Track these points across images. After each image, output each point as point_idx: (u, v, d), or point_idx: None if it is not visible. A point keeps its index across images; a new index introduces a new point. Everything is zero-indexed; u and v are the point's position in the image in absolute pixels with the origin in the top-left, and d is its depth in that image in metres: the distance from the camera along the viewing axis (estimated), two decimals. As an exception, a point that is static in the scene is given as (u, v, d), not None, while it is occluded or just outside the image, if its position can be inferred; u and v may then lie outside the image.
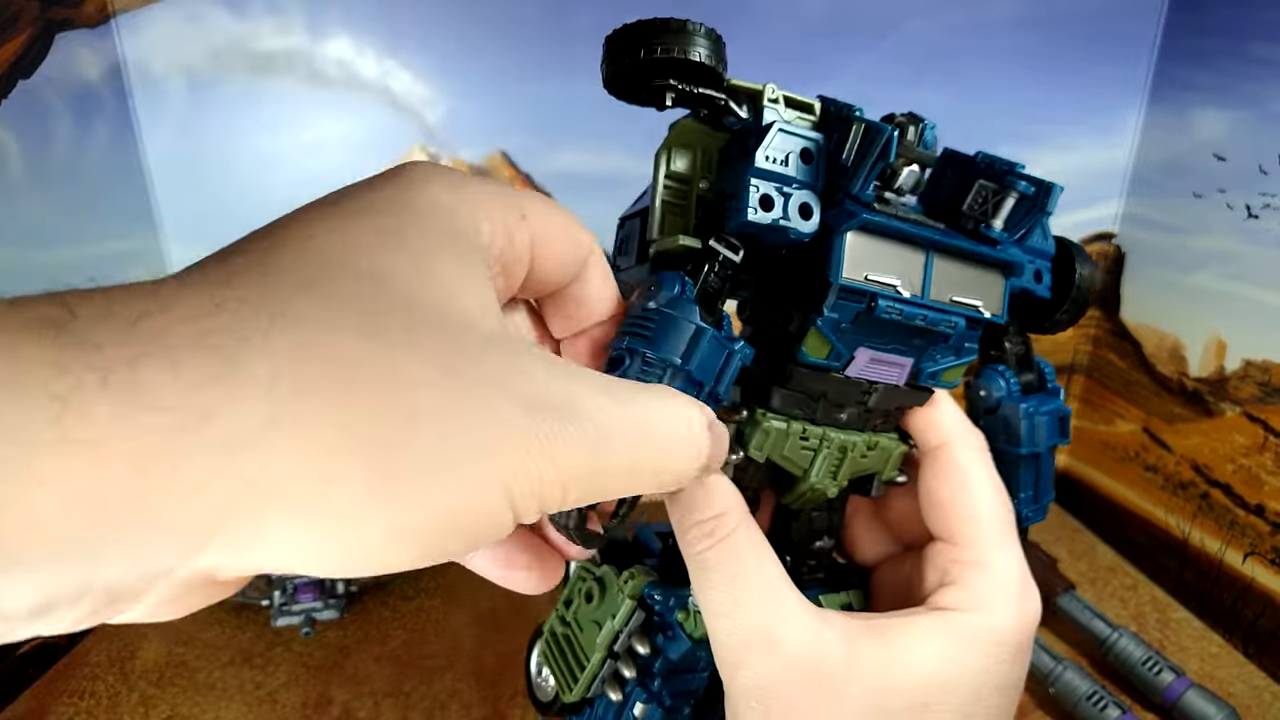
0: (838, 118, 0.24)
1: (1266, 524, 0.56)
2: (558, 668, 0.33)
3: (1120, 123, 0.68)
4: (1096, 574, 0.68)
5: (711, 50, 0.22)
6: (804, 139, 0.24)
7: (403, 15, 0.63)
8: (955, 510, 0.27)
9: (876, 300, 0.23)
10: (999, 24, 0.65)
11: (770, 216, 0.23)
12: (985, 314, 0.24)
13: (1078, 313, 0.30)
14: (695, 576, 0.26)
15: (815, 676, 0.24)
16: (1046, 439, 0.30)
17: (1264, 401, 0.56)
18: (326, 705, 0.53)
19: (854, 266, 0.23)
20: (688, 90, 0.22)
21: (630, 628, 0.31)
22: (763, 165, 0.23)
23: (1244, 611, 0.58)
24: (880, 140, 0.22)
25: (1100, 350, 0.74)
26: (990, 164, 0.25)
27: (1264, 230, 0.56)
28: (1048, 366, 0.31)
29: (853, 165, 0.23)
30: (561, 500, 0.17)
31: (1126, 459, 0.71)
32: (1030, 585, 0.27)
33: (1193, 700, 0.49)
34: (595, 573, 0.32)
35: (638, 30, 0.21)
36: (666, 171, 0.25)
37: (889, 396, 0.26)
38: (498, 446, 0.16)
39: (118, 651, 0.58)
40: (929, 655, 0.24)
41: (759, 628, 0.24)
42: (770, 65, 0.65)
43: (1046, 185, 0.23)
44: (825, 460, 0.27)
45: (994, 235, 0.24)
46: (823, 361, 0.24)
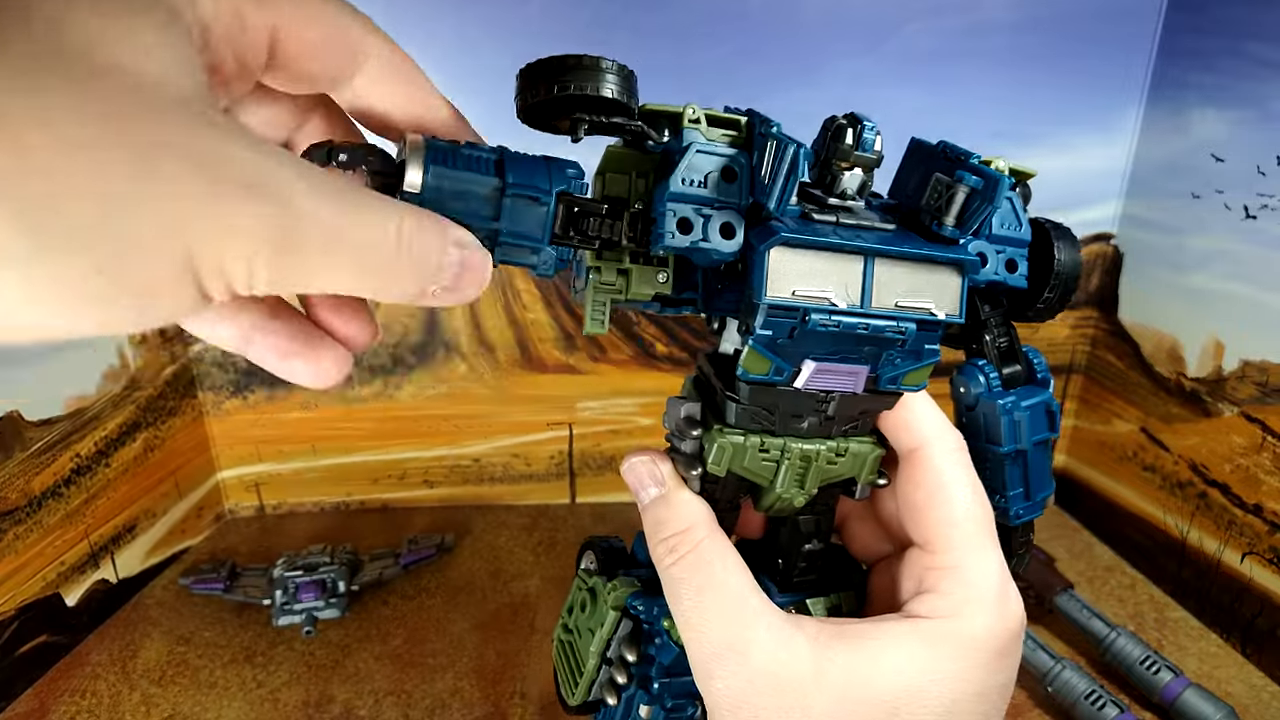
0: (758, 134, 0.23)
1: (1264, 524, 0.56)
2: (562, 671, 0.34)
3: (1119, 123, 0.68)
4: (1094, 573, 0.68)
5: (620, 85, 0.22)
6: (724, 157, 0.23)
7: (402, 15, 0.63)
8: (929, 515, 0.26)
9: (809, 314, 0.23)
10: (997, 26, 0.65)
11: (689, 239, 0.23)
12: (939, 315, 0.24)
13: (1063, 297, 0.28)
14: (666, 590, 0.27)
15: (782, 685, 0.24)
16: (1030, 435, 0.29)
17: (1262, 402, 0.57)
18: (328, 704, 0.53)
19: (780, 283, 0.22)
20: (599, 121, 0.23)
21: (619, 636, 0.31)
22: (679, 188, 0.23)
23: (1242, 611, 0.58)
24: (788, 156, 0.22)
25: (1098, 350, 0.74)
26: (947, 153, 0.24)
27: (1262, 231, 0.56)
28: (1037, 356, 0.30)
29: (768, 182, 0.23)
30: (249, 280, 0.17)
31: (1124, 459, 0.71)
32: (1009, 590, 0.26)
33: (1191, 699, 0.49)
34: (589, 583, 0.33)
35: (549, 66, 0.22)
36: (601, 195, 0.25)
37: (849, 403, 0.26)
38: (171, 217, 0.15)
39: (119, 650, 0.59)
40: (899, 662, 0.24)
41: (726, 639, 0.24)
42: (768, 69, 0.66)
43: (994, 178, 0.23)
44: (789, 470, 0.27)
45: (946, 233, 0.23)
46: (764, 378, 0.24)
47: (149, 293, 0.16)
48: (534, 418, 0.77)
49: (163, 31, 0.16)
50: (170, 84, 0.16)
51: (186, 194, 0.15)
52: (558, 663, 0.35)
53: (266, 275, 0.17)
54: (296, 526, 0.76)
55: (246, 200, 0.16)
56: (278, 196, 0.17)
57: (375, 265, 0.19)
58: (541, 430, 0.77)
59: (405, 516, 0.78)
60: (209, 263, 0.16)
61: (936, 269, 0.24)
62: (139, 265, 0.15)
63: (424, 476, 0.79)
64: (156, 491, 0.68)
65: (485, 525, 0.76)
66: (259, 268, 0.17)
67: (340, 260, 0.18)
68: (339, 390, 0.74)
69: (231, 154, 0.16)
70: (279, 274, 0.17)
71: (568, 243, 0.24)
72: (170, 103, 0.16)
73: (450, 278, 0.20)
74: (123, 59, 0.15)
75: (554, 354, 0.74)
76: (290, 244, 0.17)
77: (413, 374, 0.74)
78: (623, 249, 0.25)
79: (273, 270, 0.17)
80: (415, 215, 0.19)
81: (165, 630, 0.61)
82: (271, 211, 0.16)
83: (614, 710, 0.33)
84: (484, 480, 0.79)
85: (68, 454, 0.59)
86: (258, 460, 0.77)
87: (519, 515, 0.78)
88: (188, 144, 0.16)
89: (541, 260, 0.24)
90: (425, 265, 0.20)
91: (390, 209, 0.19)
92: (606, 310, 0.26)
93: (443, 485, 0.79)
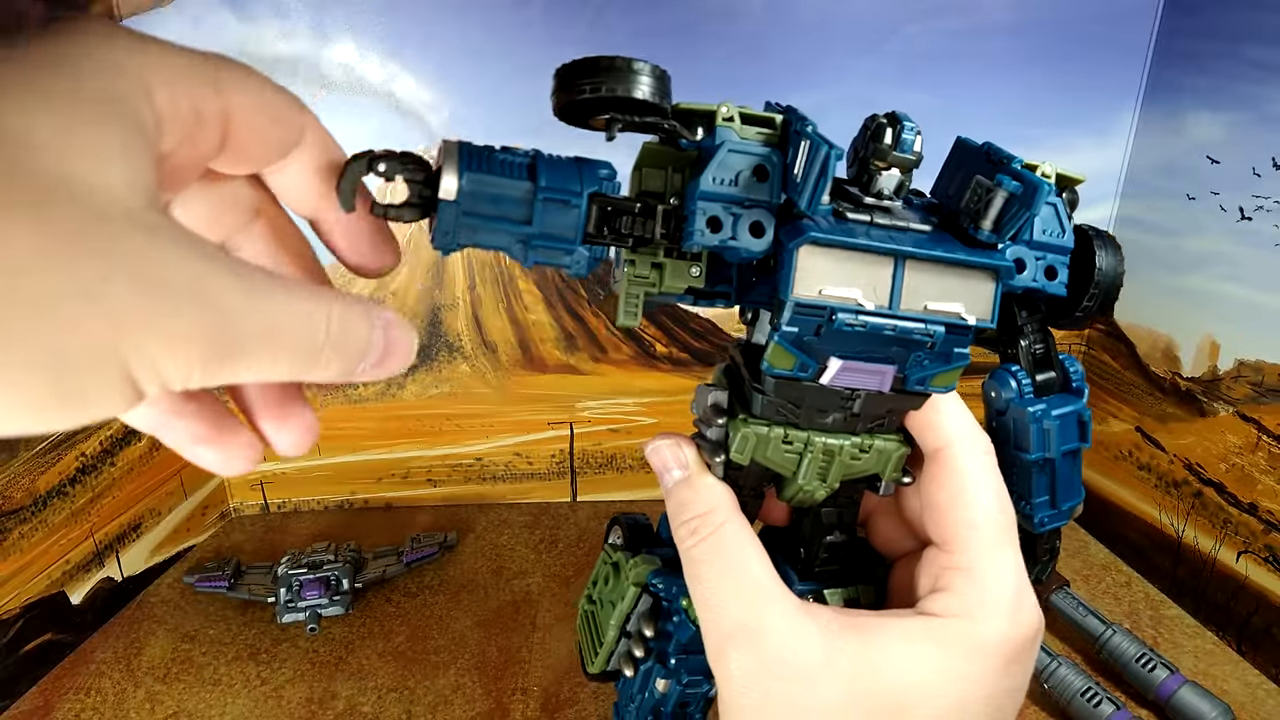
0: (793, 132, 0.23)
1: (1259, 522, 0.57)
2: (584, 640, 0.35)
3: (1115, 125, 0.69)
4: (1090, 571, 0.69)
5: (653, 87, 0.22)
6: (756, 156, 0.23)
7: (406, 19, 0.63)
8: (950, 515, 0.26)
9: (835, 314, 0.23)
10: (995, 28, 0.66)
11: (718, 238, 0.23)
12: (969, 320, 0.24)
13: (1103, 305, 0.28)
14: (685, 571, 0.27)
15: (793, 670, 0.24)
16: (1060, 443, 0.28)
17: (1257, 401, 0.57)
18: (331, 700, 0.54)
19: (808, 282, 0.23)
20: (632, 121, 0.23)
21: (638, 611, 0.32)
22: (709, 187, 0.23)
23: (1237, 609, 0.59)
24: (819, 159, 0.22)
25: (1094, 350, 0.75)
26: (990, 155, 0.24)
27: (1257, 232, 0.57)
28: (1074, 365, 0.29)
29: (800, 182, 0.23)
30: (185, 379, 0.17)
31: (1120, 458, 0.71)
32: (1025, 596, 0.26)
33: (1186, 697, 0.50)
34: (613, 557, 0.34)
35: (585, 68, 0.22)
36: (638, 191, 0.25)
37: (875, 402, 0.26)
38: (108, 328, 0.16)
39: (124, 648, 0.59)
40: (909, 658, 0.25)
41: (740, 621, 0.25)
42: (768, 70, 0.66)
43: (1033, 184, 0.22)
44: (811, 463, 0.27)
45: (983, 238, 0.23)
46: (788, 373, 0.24)
47: (82, 399, 0.16)
48: (535, 417, 0.77)
49: (116, 136, 0.17)
50: (116, 192, 0.16)
51: (124, 306, 0.16)
52: (581, 630, 0.36)
53: (201, 374, 0.17)
54: (300, 525, 0.77)
55: (183, 306, 0.17)
56: (213, 301, 0.17)
57: (306, 355, 0.19)
58: (543, 429, 0.78)
59: (408, 515, 0.78)
60: (145, 369, 0.17)
61: (970, 273, 0.24)
62: (74, 375, 0.16)
63: (427, 475, 0.79)
64: (161, 490, 0.68)
65: (487, 523, 0.76)
66: (194, 368, 0.17)
67: (273, 354, 0.19)
68: (342, 390, 0.75)
69: (169, 261, 0.17)
70: (214, 372, 0.18)
71: (601, 241, 0.24)
72: (114, 213, 0.16)
73: (376, 357, 0.21)
74: (74, 169, 0.16)
75: (555, 354, 0.75)
76: (225, 344, 0.18)
77: (416, 374, 0.75)
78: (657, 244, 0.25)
79: (207, 369, 0.17)
80: (343, 304, 0.20)
81: (170, 628, 0.61)
82: (207, 317, 0.17)
83: (632, 681, 0.34)
84: (486, 479, 0.80)
85: (73, 453, 0.59)
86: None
87: (521, 513, 0.78)
88: (126, 254, 0.16)
89: (574, 260, 0.24)
90: (353, 349, 0.20)
91: (320, 300, 0.20)
92: (640, 303, 0.26)
93: (445, 484, 0.80)
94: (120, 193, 0.16)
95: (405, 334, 0.22)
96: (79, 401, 0.16)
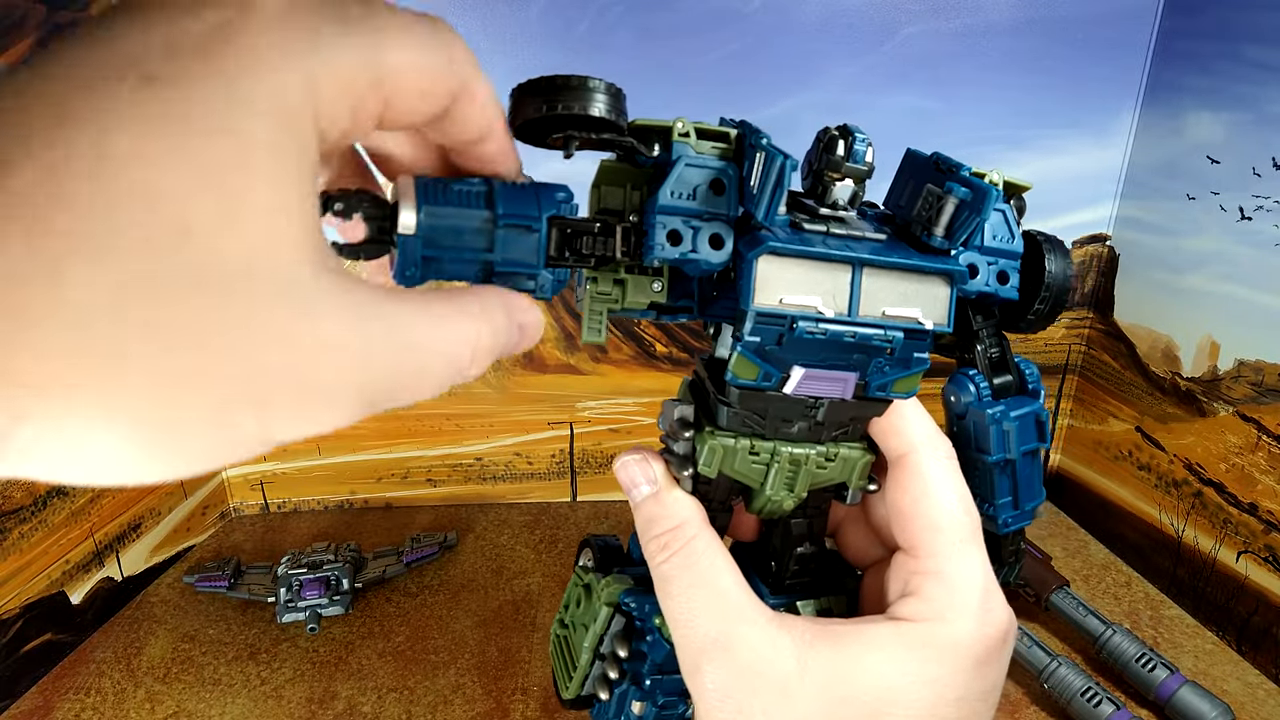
0: (748, 145, 0.24)
1: (1259, 522, 0.57)
2: (558, 665, 0.35)
3: (1115, 126, 0.69)
4: (1090, 571, 0.69)
5: (609, 104, 0.22)
6: (713, 170, 0.24)
7: (406, 19, 0.63)
8: (915, 520, 0.27)
9: (796, 322, 0.23)
10: (994, 29, 0.66)
11: (678, 251, 0.24)
12: (926, 324, 0.24)
13: (1053, 309, 0.29)
14: (657, 587, 0.27)
15: (766, 681, 0.24)
16: (1019, 444, 0.29)
17: (1257, 401, 0.57)
18: (331, 700, 0.54)
19: (768, 291, 0.23)
20: (589, 138, 0.23)
21: (611, 632, 0.32)
22: (667, 201, 0.24)
23: (1237, 609, 0.59)
24: (775, 168, 0.22)
25: (1094, 350, 0.75)
26: (939, 165, 0.24)
27: (1256, 232, 0.57)
28: (1029, 367, 0.30)
29: (756, 193, 0.23)
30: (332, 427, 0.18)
31: (1120, 458, 0.71)
32: (994, 596, 0.26)
33: (1186, 697, 0.50)
34: (584, 579, 0.34)
35: (540, 86, 0.22)
36: (597, 209, 0.26)
37: (838, 409, 0.26)
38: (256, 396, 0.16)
39: (124, 648, 0.59)
40: (881, 664, 0.25)
41: (713, 635, 0.25)
42: (766, 72, 0.66)
43: (982, 189, 0.23)
44: (778, 474, 0.27)
45: (935, 244, 0.24)
46: (752, 383, 0.25)
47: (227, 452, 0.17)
48: (535, 417, 0.77)
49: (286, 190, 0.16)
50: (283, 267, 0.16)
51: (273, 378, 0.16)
52: (554, 657, 0.35)
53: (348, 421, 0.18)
54: (300, 524, 0.77)
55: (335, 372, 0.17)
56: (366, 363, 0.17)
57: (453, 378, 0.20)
58: (543, 429, 0.78)
59: (408, 515, 0.78)
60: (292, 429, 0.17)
61: (925, 279, 0.24)
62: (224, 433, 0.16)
63: (427, 475, 0.79)
64: (161, 490, 0.68)
65: (487, 523, 0.76)
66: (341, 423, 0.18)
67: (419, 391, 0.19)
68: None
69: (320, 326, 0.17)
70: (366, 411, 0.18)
71: (564, 264, 0.24)
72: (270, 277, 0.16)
73: (511, 347, 0.22)
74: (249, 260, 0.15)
75: (555, 354, 0.75)
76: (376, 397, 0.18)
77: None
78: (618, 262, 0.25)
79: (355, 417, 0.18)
80: (488, 316, 0.20)
81: (170, 628, 0.61)
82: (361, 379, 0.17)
83: (607, 705, 0.33)
84: (486, 479, 0.80)
85: (73, 453, 0.59)
86: (262, 459, 0.77)
87: (521, 513, 0.78)
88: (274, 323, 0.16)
89: (539, 285, 0.24)
90: (495, 353, 0.21)
91: (467, 319, 0.20)
92: (604, 319, 0.26)
93: (445, 484, 0.80)
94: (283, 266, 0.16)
95: (535, 316, 0.22)
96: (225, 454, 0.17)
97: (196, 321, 0.15)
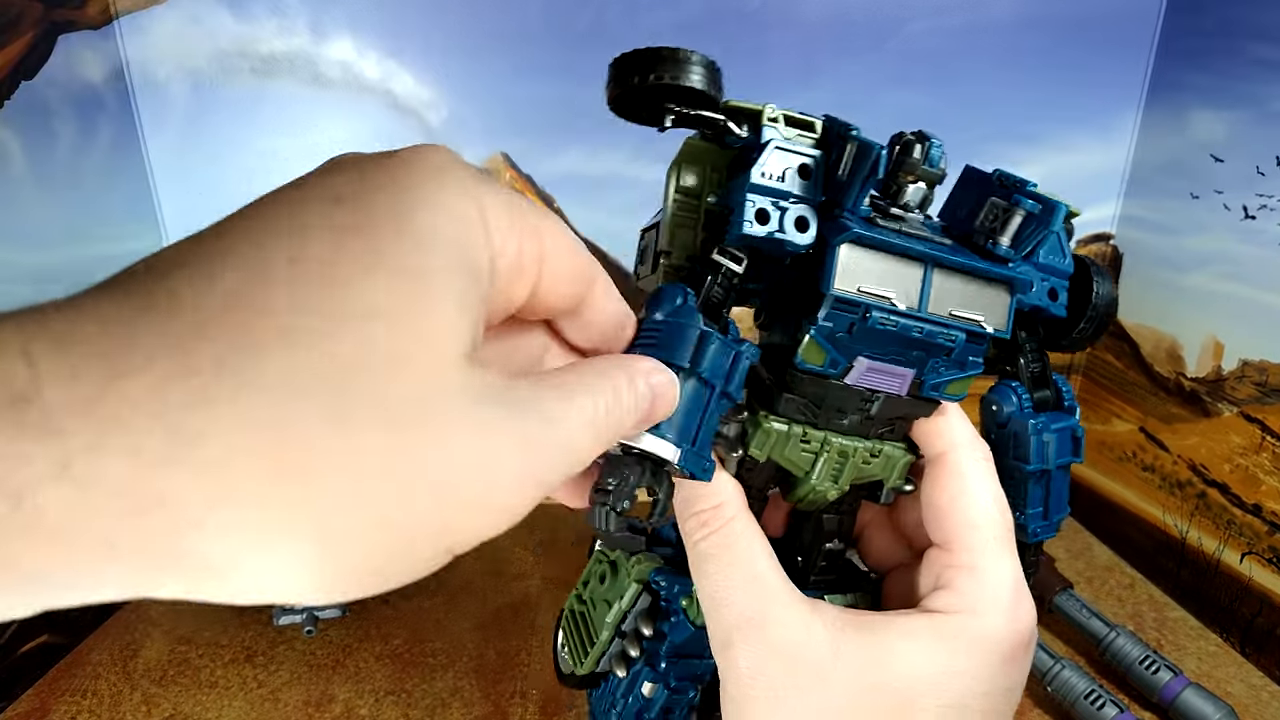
0: (837, 135, 0.25)
1: (1264, 523, 0.56)
2: (572, 641, 0.35)
3: (1118, 124, 0.68)
4: (1094, 573, 0.68)
5: (707, 77, 0.23)
6: (802, 155, 0.25)
7: (405, 17, 0.63)
8: (952, 516, 0.27)
9: (870, 311, 0.24)
10: (998, 26, 0.66)
11: (765, 230, 0.24)
12: (987, 329, 0.25)
13: (1097, 331, 0.30)
14: (693, 564, 0.27)
15: (800, 662, 0.25)
16: (1056, 456, 0.30)
17: (1261, 402, 0.57)
18: (328, 703, 0.53)
19: (847, 278, 0.24)
20: (685, 113, 0.24)
21: (637, 609, 0.33)
22: (758, 181, 0.24)
23: (1241, 611, 0.58)
24: (870, 158, 0.23)
25: (1097, 350, 0.74)
26: (1003, 180, 0.25)
27: (1261, 231, 0.56)
28: (1065, 385, 0.31)
29: (846, 181, 0.24)
30: None
31: (1124, 458, 0.71)
32: (1024, 595, 0.27)
33: (1190, 699, 0.49)
34: (610, 556, 0.34)
35: (640, 57, 0.23)
36: (677, 187, 0.26)
37: (891, 405, 0.27)
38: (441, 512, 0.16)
39: (120, 650, 0.59)
40: (914, 653, 0.25)
41: (747, 612, 0.25)
42: (770, 69, 0.66)
43: (1051, 204, 0.24)
44: (826, 464, 0.28)
45: (1000, 252, 0.24)
46: (819, 368, 0.25)
47: (409, 572, 0.17)
48: (534, 418, 0.77)
49: (458, 299, 0.17)
50: (450, 373, 0.16)
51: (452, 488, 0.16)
52: (567, 632, 0.36)
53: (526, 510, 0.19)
54: (297, 526, 0.76)
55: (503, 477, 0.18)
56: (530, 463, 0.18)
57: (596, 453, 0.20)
58: (542, 430, 0.77)
59: (406, 516, 0.78)
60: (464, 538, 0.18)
61: (989, 285, 0.25)
62: (406, 557, 0.17)
63: (424, 476, 0.79)
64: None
65: (486, 525, 0.76)
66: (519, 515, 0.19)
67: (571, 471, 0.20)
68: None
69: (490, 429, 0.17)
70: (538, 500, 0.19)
71: None
72: (441, 387, 0.16)
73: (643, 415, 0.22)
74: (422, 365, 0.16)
75: (554, 354, 0.74)
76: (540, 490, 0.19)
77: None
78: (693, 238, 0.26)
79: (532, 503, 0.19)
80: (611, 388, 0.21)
81: (166, 630, 0.61)
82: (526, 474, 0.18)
83: (615, 686, 0.34)
84: (484, 480, 0.79)
85: (69, 454, 0.59)
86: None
87: (519, 515, 0.78)
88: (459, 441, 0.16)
89: None
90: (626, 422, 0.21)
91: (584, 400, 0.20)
92: None
93: (443, 485, 0.79)
94: (450, 372, 0.16)
95: (666, 377, 0.22)
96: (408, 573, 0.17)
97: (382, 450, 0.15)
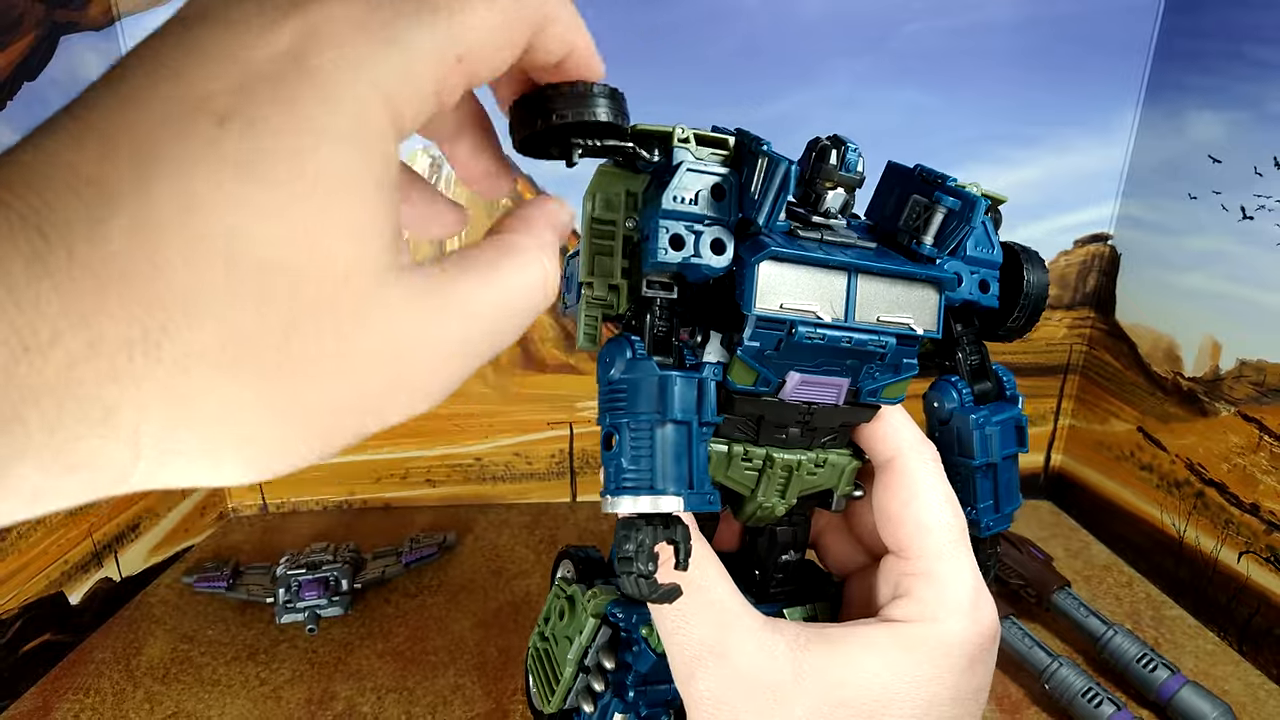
0: (748, 151, 0.24)
1: (1261, 522, 0.57)
2: (538, 679, 0.35)
3: (1116, 124, 0.69)
4: (1091, 572, 0.69)
5: (611, 108, 0.22)
6: (714, 175, 0.24)
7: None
8: (905, 523, 0.27)
9: (795, 327, 0.23)
10: (996, 27, 0.66)
11: (681, 255, 0.24)
12: (917, 330, 0.24)
13: (1030, 319, 0.30)
14: None
15: (763, 688, 0.24)
16: (1001, 448, 0.29)
17: (1259, 401, 0.57)
18: (330, 701, 0.53)
19: (769, 296, 0.23)
20: (593, 144, 0.23)
21: (597, 644, 0.32)
22: (670, 206, 0.24)
23: (1239, 609, 0.59)
24: (780, 173, 0.22)
25: (1095, 350, 0.75)
26: (924, 176, 0.25)
27: (1258, 231, 0.56)
28: (1007, 374, 0.31)
29: (759, 198, 0.23)
30: None
31: (1122, 458, 0.71)
32: (983, 596, 0.26)
33: (1187, 697, 0.50)
34: (567, 591, 0.34)
35: (541, 98, 0.22)
36: (592, 216, 0.26)
37: (830, 415, 0.26)
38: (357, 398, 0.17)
39: (123, 648, 0.59)
40: (877, 666, 0.25)
41: (706, 642, 0.25)
42: (767, 70, 0.66)
43: (971, 199, 0.23)
44: (770, 480, 0.27)
45: (925, 252, 0.24)
46: (751, 388, 0.25)
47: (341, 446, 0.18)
48: (535, 417, 0.77)
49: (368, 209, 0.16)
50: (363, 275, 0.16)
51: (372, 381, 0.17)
52: (533, 671, 0.35)
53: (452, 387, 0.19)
54: (299, 525, 0.77)
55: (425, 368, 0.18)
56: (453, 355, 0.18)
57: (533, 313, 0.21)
58: (542, 429, 0.78)
59: (407, 515, 0.78)
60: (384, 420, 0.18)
61: (915, 286, 0.25)
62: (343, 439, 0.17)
63: (426, 475, 0.79)
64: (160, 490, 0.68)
65: (487, 524, 0.76)
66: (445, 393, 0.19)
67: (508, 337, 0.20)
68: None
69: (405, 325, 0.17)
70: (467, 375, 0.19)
71: None
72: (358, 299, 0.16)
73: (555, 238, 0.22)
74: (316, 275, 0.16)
75: (554, 353, 0.75)
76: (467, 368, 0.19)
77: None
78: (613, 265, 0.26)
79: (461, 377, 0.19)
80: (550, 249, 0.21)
81: (169, 628, 0.61)
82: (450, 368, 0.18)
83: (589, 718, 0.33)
84: (485, 479, 0.80)
85: (72, 453, 0.59)
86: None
87: (520, 514, 0.78)
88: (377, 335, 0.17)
89: None
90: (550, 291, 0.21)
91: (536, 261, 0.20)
92: (598, 325, 0.26)
93: (445, 484, 0.79)
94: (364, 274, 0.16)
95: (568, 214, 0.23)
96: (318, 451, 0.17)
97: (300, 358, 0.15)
